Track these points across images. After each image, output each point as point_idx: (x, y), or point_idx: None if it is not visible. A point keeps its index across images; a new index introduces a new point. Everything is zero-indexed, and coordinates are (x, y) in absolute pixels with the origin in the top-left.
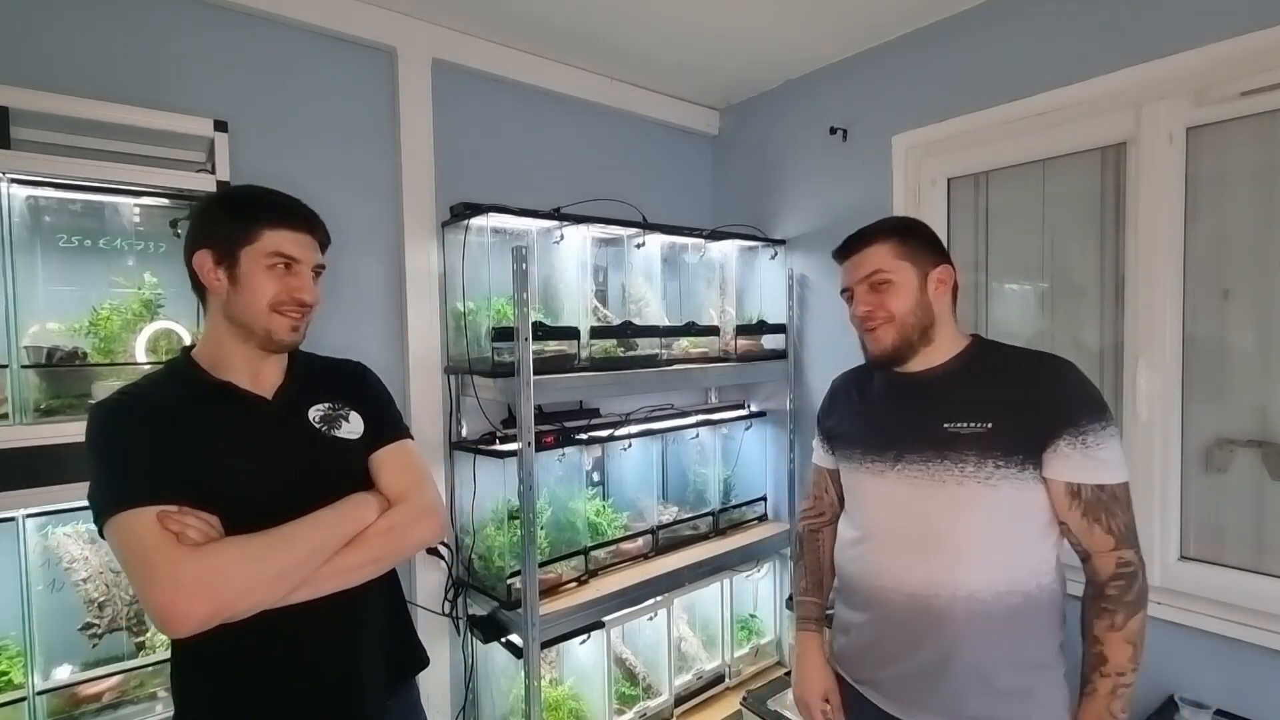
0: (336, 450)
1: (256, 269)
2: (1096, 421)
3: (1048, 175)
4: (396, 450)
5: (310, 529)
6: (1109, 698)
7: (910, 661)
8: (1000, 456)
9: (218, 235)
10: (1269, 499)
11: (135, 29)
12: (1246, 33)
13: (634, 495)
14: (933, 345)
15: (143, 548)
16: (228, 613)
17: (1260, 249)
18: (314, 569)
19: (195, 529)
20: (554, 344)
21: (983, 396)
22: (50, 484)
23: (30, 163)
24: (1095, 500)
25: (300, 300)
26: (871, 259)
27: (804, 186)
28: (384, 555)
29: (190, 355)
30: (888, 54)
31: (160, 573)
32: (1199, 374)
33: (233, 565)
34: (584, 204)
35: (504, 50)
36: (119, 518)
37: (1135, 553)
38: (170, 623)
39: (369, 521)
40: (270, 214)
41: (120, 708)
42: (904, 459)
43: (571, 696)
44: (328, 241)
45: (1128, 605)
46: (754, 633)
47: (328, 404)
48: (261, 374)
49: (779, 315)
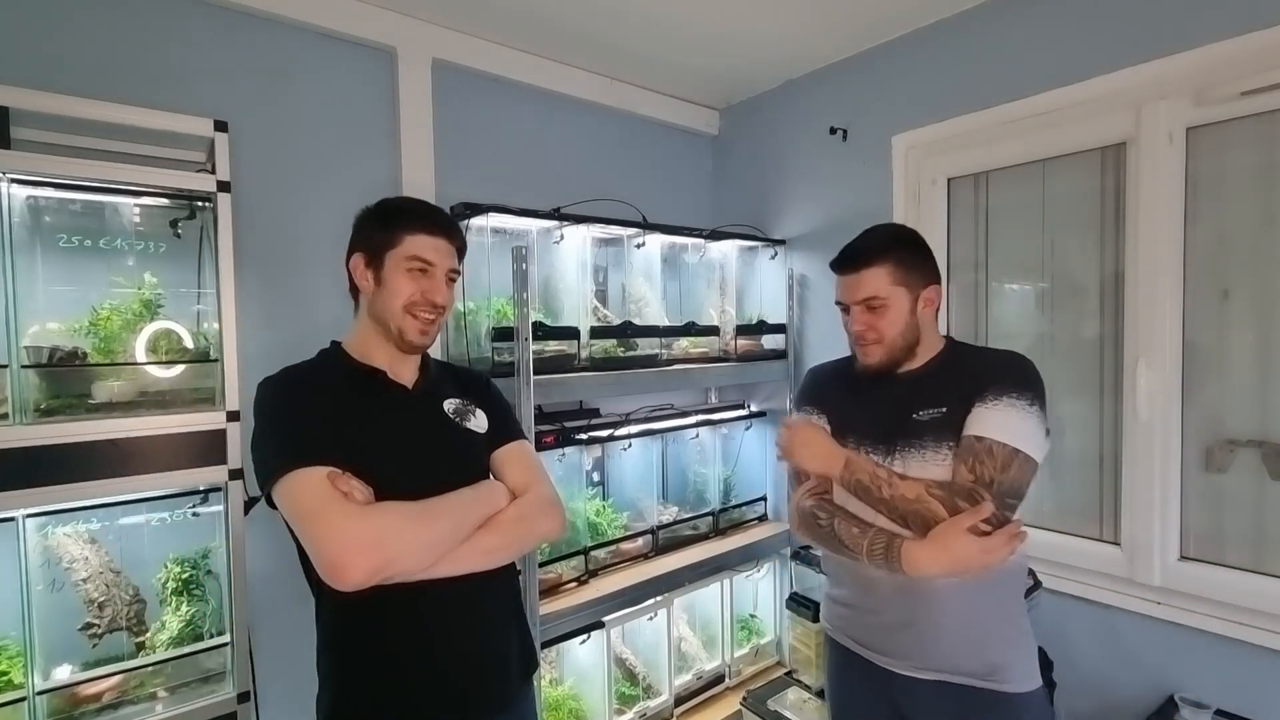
0: (468, 439)
1: (398, 271)
2: (1001, 392)
3: (1048, 175)
4: (518, 448)
5: (454, 505)
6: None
7: (889, 617)
8: (951, 437)
9: (369, 240)
10: (1269, 499)
11: (135, 29)
12: (1246, 33)
13: (634, 495)
14: (914, 356)
15: (317, 502)
16: (388, 570)
17: (1260, 249)
18: (456, 544)
19: (360, 491)
20: (554, 344)
21: (942, 386)
22: (50, 484)
23: (30, 163)
24: (969, 448)
25: (432, 301)
26: (869, 283)
27: (804, 186)
28: (515, 541)
29: (341, 347)
30: (888, 54)
31: (334, 527)
32: (1199, 374)
33: (395, 526)
34: (584, 204)
35: (504, 50)
36: (293, 474)
37: (994, 499)
38: (339, 574)
39: (501, 507)
40: (412, 221)
41: (120, 708)
42: (892, 449)
43: (571, 696)
44: (463, 248)
45: (956, 498)
46: (754, 633)
47: (458, 400)
48: (400, 370)
49: (779, 315)
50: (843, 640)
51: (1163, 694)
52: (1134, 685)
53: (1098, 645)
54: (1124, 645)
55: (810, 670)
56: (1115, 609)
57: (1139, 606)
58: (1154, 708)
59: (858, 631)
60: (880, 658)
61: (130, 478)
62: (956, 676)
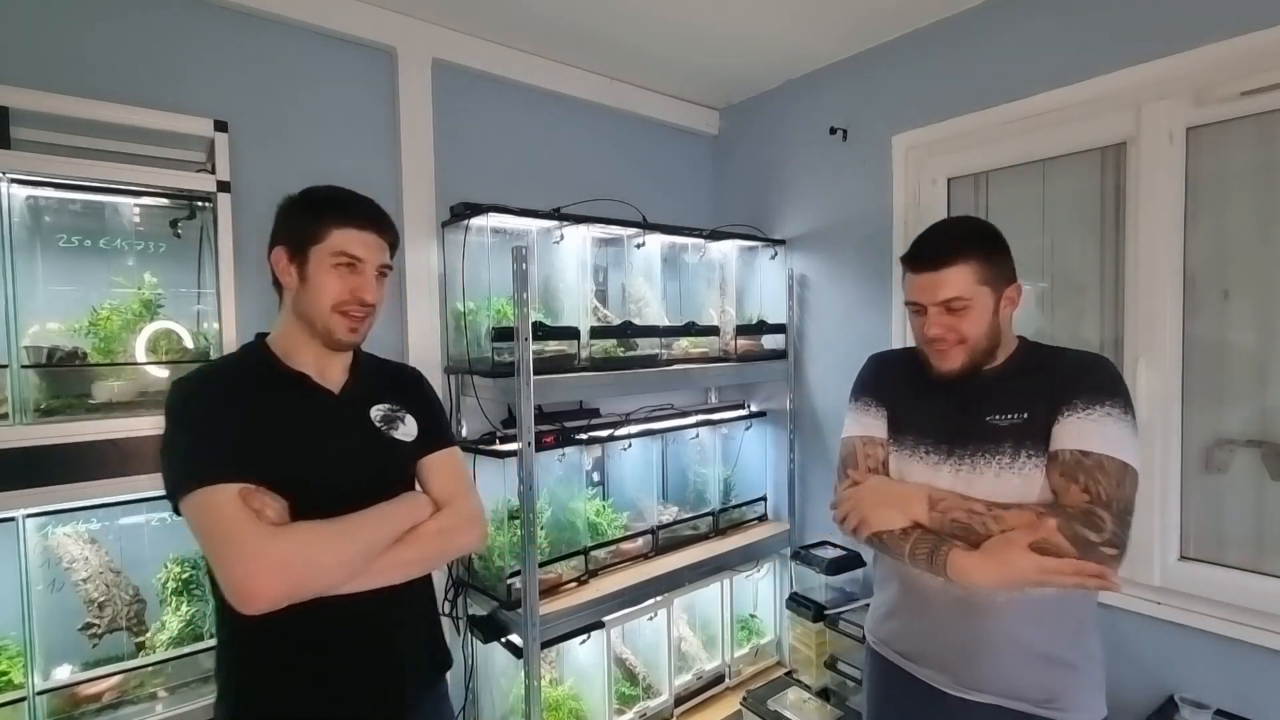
0: (393, 449)
1: (323, 267)
2: (1096, 400)
3: (1048, 175)
4: (446, 456)
5: (372, 521)
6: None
7: (946, 640)
8: (1032, 446)
9: (292, 233)
10: (1269, 499)
11: (135, 29)
12: (1246, 33)
13: (634, 495)
14: (993, 358)
15: (226, 523)
16: (299, 593)
17: (1260, 249)
18: (373, 560)
19: (273, 509)
20: (554, 344)
21: (1020, 390)
22: (50, 484)
23: (30, 163)
24: (1075, 463)
25: (361, 299)
26: (953, 283)
27: (804, 186)
28: (433, 555)
29: (265, 342)
30: (888, 54)
31: (244, 549)
32: (1199, 374)
33: (307, 548)
34: (584, 204)
35: (504, 50)
36: (202, 491)
37: (1113, 519)
38: (248, 598)
39: (422, 520)
40: (339, 213)
41: (120, 708)
42: (954, 454)
43: (571, 696)
44: (396, 242)
45: (1075, 524)
46: (754, 633)
47: (388, 405)
48: (327, 370)
49: (779, 315)
50: (886, 654)
51: (1163, 694)
52: (1134, 685)
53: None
54: (1124, 645)
55: (810, 670)
56: (1115, 609)
57: (1139, 606)
58: (1154, 708)
59: (905, 644)
60: (930, 674)
61: (130, 478)
62: (1012, 701)
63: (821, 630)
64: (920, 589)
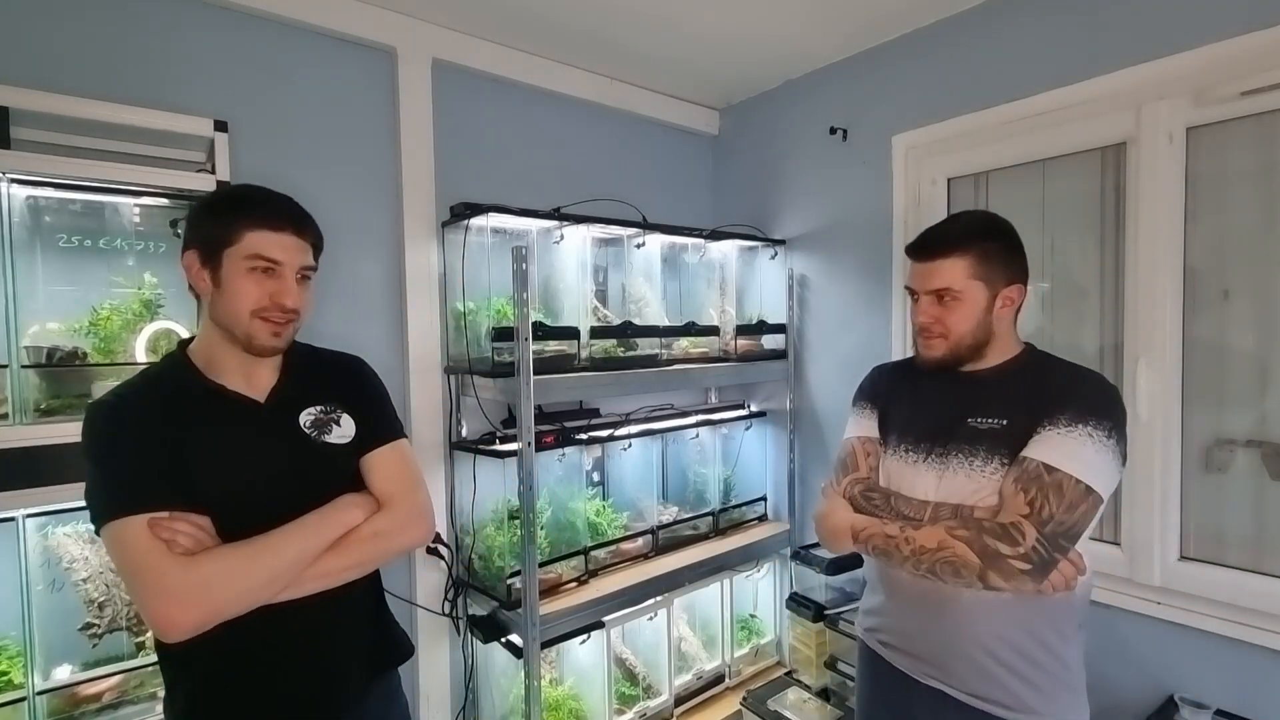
0: (324, 456)
1: (238, 272)
2: (1080, 419)
3: (1048, 175)
4: (388, 452)
5: (295, 536)
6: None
7: (924, 638)
8: (1006, 454)
9: (204, 236)
10: (1269, 499)
11: (135, 29)
12: (1246, 33)
13: (634, 495)
14: (982, 357)
15: (135, 556)
16: (217, 619)
17: (1260, 249)
18: (300, 573)
19: (186, 534)
20: (554, 344)
21: (1008, 397)
22: (50, 484)
23: (30, 163)
24: (1035, 475)
25: (281, 305)
26: (944, 274)
27: (804, 186)
28: (367, 560)
29: (186, 353)
30: (888, 54)
31: (152, 582)
32: (1199, 374)
33: (221, 575)
34: (584, 204)
35: (504, 50)
36: (112, 525)
37: (1039, 537)
38: (164, 630)
39: (354, 525)
40: (252, 214)
41: (120, 708)
42: (934, 453)
43: (571, 696)
44: (319, 243)
45: (987, 537)
46: (754, 633)
47: (320, 407)
48: (254, 375)
49: (779, 315)
50: (871, 644)
51: (1163, 694)
52: (1134, 685)
53: (1097, 645)
54: (1124, 645)
55: (810, 670)
56: (1115, 609)
57: (1139, 606)
58: (1154, 708)
59: (885, 635)
60: (907, 663)
61: None
62: (983, 704)
63: (821, 630)
64: (891, 580)
